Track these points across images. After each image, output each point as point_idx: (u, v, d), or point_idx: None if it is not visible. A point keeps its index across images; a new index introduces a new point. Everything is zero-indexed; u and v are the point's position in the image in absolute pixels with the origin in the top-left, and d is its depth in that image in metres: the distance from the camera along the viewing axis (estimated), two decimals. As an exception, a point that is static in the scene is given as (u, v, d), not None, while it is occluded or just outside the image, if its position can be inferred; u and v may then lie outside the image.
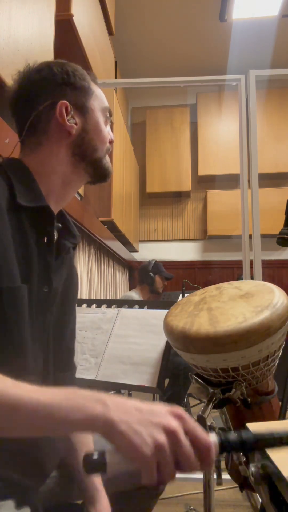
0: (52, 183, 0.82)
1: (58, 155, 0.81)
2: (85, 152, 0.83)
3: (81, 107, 0.83)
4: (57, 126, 0.81)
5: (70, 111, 0.80)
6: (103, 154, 0.86)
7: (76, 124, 0.81)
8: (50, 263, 0.79)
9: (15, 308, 0.69)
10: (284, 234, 1.22)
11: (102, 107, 0.87)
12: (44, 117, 0.80)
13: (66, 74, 0.82)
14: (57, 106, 0.80)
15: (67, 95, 0.81)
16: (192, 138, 5.05)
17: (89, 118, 0.84)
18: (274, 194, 4.00)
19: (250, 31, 4.19)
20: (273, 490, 0.50)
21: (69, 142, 0.82)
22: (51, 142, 0.81)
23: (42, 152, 0.81)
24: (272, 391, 1.01)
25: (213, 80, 2.44)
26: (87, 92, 0.84)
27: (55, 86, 0.81)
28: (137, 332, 1.44)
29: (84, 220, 2.47)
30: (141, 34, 4.36)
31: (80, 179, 0.87)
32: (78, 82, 0.83)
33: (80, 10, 2.00)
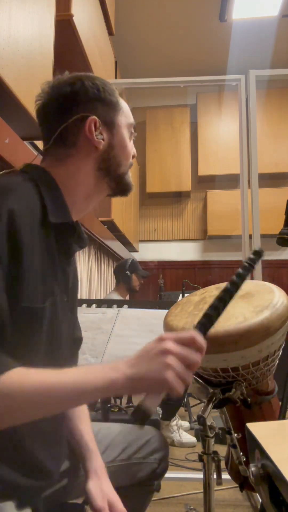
0: (76, 195, 0.83)
1: (85, 169, 0.83)
2: (110, 167, 0.85)
3: (109, 123, 0.84)
4: (86, 140, 0.82)
5: (98, 126, 0.82)
6: (126, 170, 0.89)
7: (103, 140, 0.83)
8: (68, 272, 0.82)
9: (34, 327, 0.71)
10: (284, 234, 1.22)
11: (128, 123, 0.89)
12: (73, 130, 0.81)
13: (97, 89, 0.83)
14: (87, 121, 0.81)
15: (97, 110, 0.82)
16: (192, 138, 5.05)
17: (115, 134, 0.85)
18: (274, 194, 3.99)
19: (250, 31, 4.19)
20: (273, 490, 0.50)
21: (95, 157, 0.83)
22: (79, 156, 0.82)
23: (70, 164, 0.82)
24: (272, 391, 1.01)
25: (213, 80, 2.44)
26: (116, 108, 0.86)
27: (86, 101, 0.82)
28: (137, 332, 1.44)
29: (84, 220, 2.47)
30: (141, 34, 4.36)
31: (102, 193, 0.89)
32: (108, 97, 0.84)
33: (80, 10, 2.00)
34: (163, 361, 0.61)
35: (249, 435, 0.59)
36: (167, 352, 0.62)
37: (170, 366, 0.61)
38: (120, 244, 3.88)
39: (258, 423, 0.62)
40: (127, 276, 3.03)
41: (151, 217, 5.24)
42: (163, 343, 0.63)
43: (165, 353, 0.62)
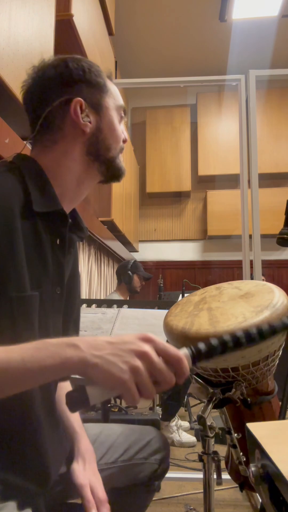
0: (66, 182, 0.80)
1: (73, 154, 0.80)
2: (99, 151, 0.82)
3: (96, 105, 0.80)
4: (72, 124, 0.79)
5: (84, 109, 0.78)
6: (116, 154, 0.85)
7: (90, 123, 0.79)
8: (63, 264, 0.79)
9: (25, 316, 0.69)
10: (284, 234, 1.22)
11: (117, 105, 0.85)
12: (59, 114, 0.78)
13: (82, 70, 0.79)
14: (72, 103, 0.77)
15: (83, 92, 0.79)
16: (192, 138, 5.05)
17: (103, 117, 0.82)
18: (274, 194, 3.99)
19: (250, 31, 4.19)
20: (273, 490, 0.50)
21: (83, 141, 0.80)
22: (66, 140, 0.79)
23: (57, 150, 0.79)
24: (272, 391, 1.01)
25: (213, 80, 2.44)
26: (103, 89, 0.82)
27: (71, 83, 0.78)
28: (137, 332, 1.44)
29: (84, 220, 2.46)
30: (141, 34, 4.36)
31: (93, 178, 0.86)
32: (94, 79, 0.80)
33: (80, 10, 2.00)
34: (132, 362, 0.53)
35: (249, 435, 0.59)
36: (141, 355, 0.54)
37: (135, 371, 0.53)
38: (120, 244, 3.88)
39: (258, 423, 0.62)
40: (129, 276, 3.04)
41: (151, 217, 5.24)
42: (142, 344, 0.55)
43: (139, 354, 0.54)
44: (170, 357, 0.56)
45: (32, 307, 0.70)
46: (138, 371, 0.53)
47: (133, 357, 0.54)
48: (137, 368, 0.53)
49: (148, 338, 0.57)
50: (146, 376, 0.53)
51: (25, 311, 0.69)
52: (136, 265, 3.13)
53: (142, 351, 0.54)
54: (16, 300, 0.67)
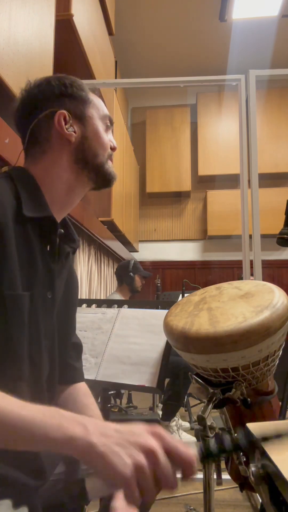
0: (57, 191, 0.84)
1: (61, 163, 0.84)
2: (86, 158, 0.86)
3: (79, 116, 0.86)
4: (58, 135, 0.84)
5: (68, 120, 0.84)
6: (104, 160, 0.89)
7: (75, 132, 0.85)
8: (53, 269, 0.82)
9: (16, 315, 0.71)
10: (284, 234, 1.22)
11: (101, 115, 0.90)
12: (44, 127, 0.84)
13: (63, 86, 0.85)
14: (55, 115, 0.83)
15: (66, 105, 0.85)
16: (192, 138, 5.05)
17: (88, 126, 0.86)
18: (274, 194, 3.99)
19: (250, 31, 4.19)
20: (273, 490, 0.50)
21: (70, 150, 0.85)
22: (54, 150, 0.84)
23: (46, 160, 0.84)
24: (272, 391, 1.01)
25: (213, 80, 2.44)
26: (85, 101, 0.87)
27: (53, 98, 0.84)
28: (137, 332, 1.44)
29: (84, 220, 2.47)
30: (141, 34, 4.36)
31: (84, 186, 0.90)
32: (76, 92, 0.86)
33: (80, 10, 2.00)
34: (136, 457, 0.49)
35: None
36: (147, 452, 0.50)
37: (138, 467, 0.49)
38: (120, 244, 3.88)
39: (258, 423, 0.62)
40: (131, 277, 3.05)
41: (151, 217, 5.25)
42: (150, 439, 0.51)
43: (145, 451, 0.50)
44: (180, 457, 0.51)
45: (23, 306, 0.73)
46: (141, 468, 0.49)
47: (139, 452, 0.50)
48: (141, 465, 0.49)
49: (157, 434, 0.53)
50: (149, 475, 0.49)
51: (16, 309, 0.71)
52: (136, 265, 3.15)
53: (149, 448, 0.50)
54: (8, 298, 0.69)
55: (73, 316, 0.97)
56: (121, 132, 3.79)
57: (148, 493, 0.50)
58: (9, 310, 0.70)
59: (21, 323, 0.73)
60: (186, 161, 4.98)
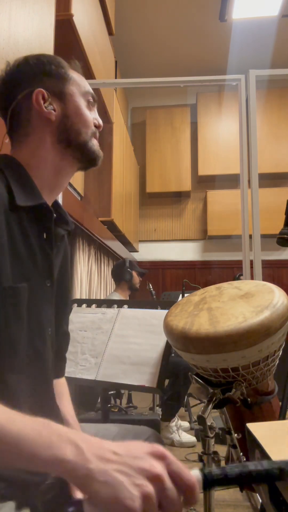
0: (44, 173, 0.82)
1: (45, 144, 0.82)
2: (69, 137, 0.84)
3: (59, 94, 0.83)
4: (38, 115, 0.81)
5: (47, 98, 0.81)
6: (88, 137, 0.86)
7: (54, 110, 0.82)
8: (51, 257, 0.80)
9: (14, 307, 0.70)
10: (284, 234, 1.22)
11: (82, 91, 0.87)
12: (24, 107, 0.82)
13: (42, 64, 0.83)
14: (33, 94, 0.81)
15: (44, 83, 0.82)
16: (192, 138, 5.05)
17: (68, 103, 0.84)
18: (274, 194, 4.00)
19: (250, 31, 4.19)
20: (273, 490, 0.50)
21: (52, 129, 0.82)
22: (36, 132, 0.82)
23: (30, 143, 0.82)
24: (272, 391, 1.01)
25: (213, 80, 2.44)
26: (64, 78, 0.85)
27: (31, 76, 0.82)
28: (137, 332, 1.44)
29: (84, 220, 2.47)
30: (141, 34, 4.36)
31: (70, 166, 0.87)
32: (54, 70, 0.84)
33: (80, 10, 2.00)
34: (145, 487, 0.44)
35: (249, 435, 0.59)
36: (153, 478, 0.44)
37: (147, 499, 0.43)
38: (120, 244, 3.89)
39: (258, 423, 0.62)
40: (129, 273, 3.05)
41: (151, 217, 5.25)
42: (155, 464, 0.45)
43: (151, 477, 0.44)
44: (183, 482, 0.46)
45: (20, 298, 0.71)
46: (149, 499, 0.43)
47: (145, 480, 0.44)
48: (150, 496, 0.43)
49: (160, 455, 0.47)
50: (155, 504, 0.44)
51: (14, 301, 0.70)
52: (132, 262, 3.16)
53: (155, 474, 0.44)
54: (6, 291, 0.68)
55: (66, 299, 0.95)
56: (121, 132, 3.79)
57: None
58: (7, 303, 0.68)
59: (19, 314, 0.71)
60: (186, 161, 4.98)
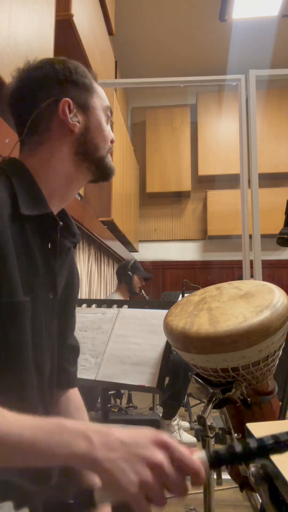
0: (54, 183, 0.79)
1: (60, 154, 0.79)
2: (87, 150, 0.81)
3: (83, 105, 0.80)
4: (60, 124, 0.78)
5: (73, 109, 0.78)
6: (105, 153, 0.84)
7: (78, 122, 0.79)
8: (54, 268, 0.78)
9: (17, 322, 0.69)
10: (284, 234, 1.22)
11: (104, 105, 0.85)
12: (46, 115, 0.78)
13: (68, 71, 0.79)
14: (59, 103, 0.77)
15: (70, 93, 0.79)
16: (192, 138, 5.05)
17: (91, 116, 0.81)
18: (274, 194, 4.00)
19: (250, 31, 4.19)
20: (273, 490, 0.50)
21: (71, 141, 0.80)
22: (53, 141, 0.79)
23: (44, 151, 0.79)
24: (272, 391, 1.01)
25: (213, 80, 2.44)
26: (89, 90, 0.82)
27: (57, 84, 0.78)
28: (137, 332, 1.44)
29: (84, 220, 2.47)
30: (141, 34, 4.36)
31: (83, 178, 0.85)
32: (80, 79, 0.80)
33: (80, 10, 2.00)
34: (142, 474, 0.49)
35: (249, 435, 0.59)
36: (153, 466, 0.49)
37: (144, 485, 0.49)
38: (120, 244, 3.88)
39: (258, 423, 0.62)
40: (129, 276, 3.04)
41: (151, 217, 5.25)
42: (156, 452, 0.50)
43: (151, 465, 0.49)
44: (187, 467, 0.50)
45: (24, 312, 0.69)
46: (148, 484, 0.49)
47: (145, 468, 0.49)
48: (147, 482, 0.49)
49: (163, 443, 0.51)
50: (156, 488, 0.49)
51: (16, 317, 0.68)
52: (136, 265, 3.13)
53: (155, 462, 0.49)
54: (7, 306, 0.66)
55: (72, 314, 0.93)
56: (121, 132, 3.79)
57: (158, 502, 0.50)
58: (8, 319, 0.66)
59: (23, 329, 0.70)
60: (186, 161, 4.98)
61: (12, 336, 0.68)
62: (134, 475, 0.49)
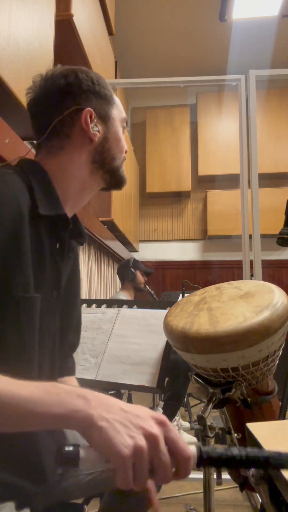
0: (69, 188, 0.82)
1: (79, 161, 0.82)
2: (104, 160, 0.85)
3: (104, 116, 0.84)
4: (81, 133, 0.82)
5: (94, 118, 0.82)
6: (120, 163, 0.88)
7: (99, 132, 0.83)
8: (60, 267, 0.80)
9: (29, 317, 0.70)
10: (284, 234, 1.22)
11: (121, 117, 0.89)
12: (68, 122, 0.81)
13: (91, 81, 0.83)
14: (83, 112, 0.81)
15: (92, 103, 0.82)
16: (192, 138, 5.05)
17: (110, 127, 0.86)
18: (274, 194, 4.00)
19: (250, 31, 4.19)
20: (273, 490, 0.50)
21: (90, 149, 0.83)
22: (73, 148, 0.82)
23: (62, 156, 0.82)
24: (272, 391, 1.01)
25: (213, 80, 2.44)
26: (110, 101, 0.86)
27: (81, 93, 0.82)
28: (137, 332, 1.44)
29: (84, 220, 2.47)
30: (141, 34, 4.35)
31: (96, 186, 0.88)
32: (102, 90, 0.85)
33: (80, 10, 2.00)
34: (138, 439, 0.48)
35: (249, 435, 0.59)
36: (149, 437, 0.49)
37: (138, 450, 0.48)
38: (120, 244, 3.88)
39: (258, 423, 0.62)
40: (132, 273, 3.04)
41: (151, 217, 5.24)
42: (154, 425, 0.50)
43: (147, 435, 0.49)
44: (178, 451, 0.50)
45: (35, 308, 0.71)
46: (140, 452, 0.48)
47: (140, 435, 0.49)
48: (141, 449, 0.48)
49: (162, 421, 0.52)
50: (146, 461, 0.48)
51: (29, 312, 0.70)
52: (137, 262, 3.15)
53: (152, 433, 0.49)
54: (22, 301, 0.68)
55: (73, 312, 0.95)
56: (121, 132, 3.79)
57: (140, 479, 0.49)
58: (22, 313, 0.68)
59: (33, 325, 0.71)
60: (186, 161, 4.98)
61: (23, 331, 0.69)
62: (129, 438, 0.48)
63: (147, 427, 0.50)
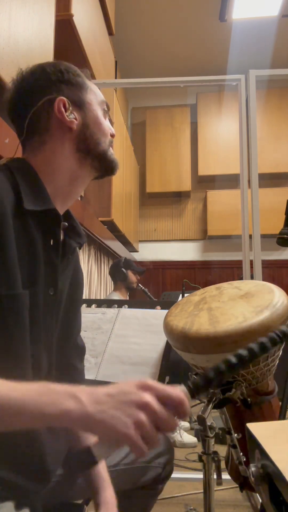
0: (59, 181, 0.81)
1: (63, 152, 0.81)
2: (88, 146, 0.83)
3: (78, 102, 0.83)
4: (58, 123, 0.81)
5: (68, 106, 0.80)
6: (106, 147, 0.86)
7: (76, 119, 0.82)
8: (56, 265, 0.79)
9: (16, 315, 0.69)
10: (284, 234, 1.22)
11: (99, 100, 0.87)
12: (43, 115, 0.80)
13: (59, 72, 0.82)
14: (55, 102, 0.80)
15: (64, 92, 0.81)
16: (192, 138, 5.05)
17: (87, 112, 0.84)
18: (274, 194, 3.99)
19: (250, 31, 4.19)
20: (273, 490, 0.50)
21: (72, 138, 0.82)
22: (54, 140, 0.81)
23: (46, 150, 0.81)
24: (272, 391, 1.01)
25: (213, 80, 2.44)
26: (83, 87, 0.84)
27: (50, 84, 0.81)
28: (137, 332, 1.44)
29: (84, 220, 2.47)
30: (141, 34, 4.36)
31: (87, 175, 0.87)
32: (73, 78, 0.83)
33: (80, 10, 2.00)
34: (135, 415, 0.53)
35: (249, 435, 0.59)
36: (143, 407, 0.53)
37: (139, 424, 0.52)
38: (120, 244, 3.88)
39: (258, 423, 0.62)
40: (123, 273, 3.05)
41: (151, 217, 5.24)
42: (143, 395, 0.54)
43: (141, 406, 0.53)
44: (172, 401, 0.55)
45: (22, 305, 0.70)
46: (142, 424, 0.52)
47: (136, 410, 0.53)
48: (141, 422, 0.52)
49: (147, 386, 0.56)
50: (150, 427, 0.53)
51: (15, 308, 0.69)
52: (128, 261, 3.15)
53: (143, 402, 0.53)
54: (5, 298, 0.67)
55: (76, 315, 0.94)
56: (121, 132, 3.79)
57: (153, 441, 0.53)
58: (7, 310, 0.67)
59: (22, 322, 0.71)
60: (186, 161, 4.98)
61: (10, 329, 0.69)
62: (128, 417, 0.52)
63: (137, 398, 0.54)
